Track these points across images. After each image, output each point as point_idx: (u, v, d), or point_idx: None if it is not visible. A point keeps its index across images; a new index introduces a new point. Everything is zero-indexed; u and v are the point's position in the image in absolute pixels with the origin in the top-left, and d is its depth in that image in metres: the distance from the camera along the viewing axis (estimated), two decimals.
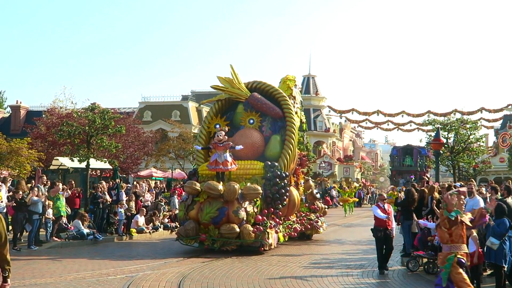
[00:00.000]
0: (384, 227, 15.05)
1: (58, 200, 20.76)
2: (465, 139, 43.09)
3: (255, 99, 21.45)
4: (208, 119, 22.16)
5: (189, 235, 18.58)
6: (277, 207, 19.71)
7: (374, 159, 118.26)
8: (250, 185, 19.02)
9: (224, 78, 21.82)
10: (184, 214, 19.00)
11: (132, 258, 17.37)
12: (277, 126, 21.57)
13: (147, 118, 64.73)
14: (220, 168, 19.19)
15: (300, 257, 17.86)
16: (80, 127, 26.16)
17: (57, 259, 16.96)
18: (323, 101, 74.95)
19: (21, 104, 69.20)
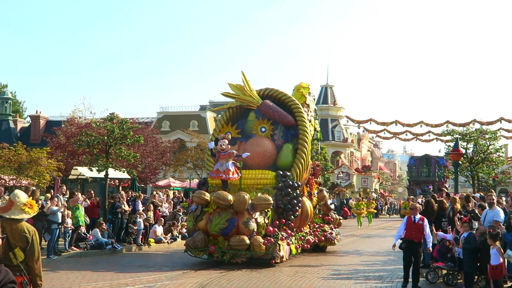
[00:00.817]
0: (410, 239, 14.18)
1: (77, 210, 20.85)
2: (484, 149, 42.79)
3: (267, 107, 20.91)
4: (218, 127, 21.47)
5: (197, 247, 17.93)
6: (289, 218, 19.08)
7: (393, 170, 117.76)
8: (261, 195, 18.30)
9: (235, 85, 21.26)
10: (193, 225, 18.42)
11: (150, 268, 17.39)
12: (289, 135, 20.99)
13: (165, 128, 65.04)
14: (222, 176, 18.54)
15: (318, 268, 17.78)
16: (98, 137, 26.31)
17: (75, 268, 17.02)
18: (341, 111, 74.87)
19: (40, 114, 69.77)
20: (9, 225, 6.98)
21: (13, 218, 7.05)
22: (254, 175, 19.47)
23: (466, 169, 42.47)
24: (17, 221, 7.07)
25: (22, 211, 7.12)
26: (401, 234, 14.30)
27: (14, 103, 73.19)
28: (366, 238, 30.22)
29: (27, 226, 7.14)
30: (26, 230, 7.05)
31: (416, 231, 14.15)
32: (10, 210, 7.10)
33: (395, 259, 20.30)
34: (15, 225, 7.03)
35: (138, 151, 34.02)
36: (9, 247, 6.88)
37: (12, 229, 6.97)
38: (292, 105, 21.17)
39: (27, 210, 7.16)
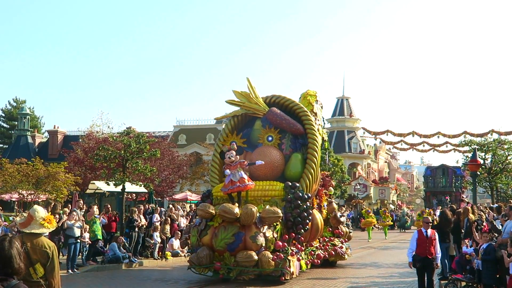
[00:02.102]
0: (424, 256, 13.49)
1: (94, 224, 20.91)
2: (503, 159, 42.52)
3: (274, 115, 19.72)
4: (223, 136, 20.27)
5: (202, 263, 16.71)
6: (299, 232, 17.78)
7: (410, 181, 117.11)
8: (269, 207, 17.09)
9: (240, 92, 20.18)
10: (197, 240, 17.14)
11: (167, 282, 17.39)
12: (298, 144, 19.81)
13: (182, 142, 65.25)
14: (238, 186, 17.18)
15: (336, 281, 17.66)
16: (115, 151, 26.42)
17: (92, 283, 17.06)
18: (357, 123, 74.70)
19: (58, 129, 70.31)
20: (30, 240, 6.96)
21: (33, 233, 7.02)
22: (261, 187, 18.35)
23: (485, 179, 42.18)
24: (37, 236, 7.04)
25: (42, 226, 7.11)
26: (413, 250, 13.62)
27: (32, 119, 73.79)
28: (384, 250, 30.01)
29: (47, 241, 7.13)
30: (47, 245, 7.03)
31: (429, 246, 13.53)
32: (30, 225, 7.08)
33: (413, 271, 20.07)
34: (36, 240, 7.00)
35: (154, 165, 34.13)
36: (29, 262, 6.81)
37: (33, 244, 6.95)
38: (301, 112, 20.11)
39: (46, 225, 7.16)
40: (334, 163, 56.32)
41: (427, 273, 13.63)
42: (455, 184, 59.28)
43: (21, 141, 67.88)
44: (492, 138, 50.60)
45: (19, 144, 67.15)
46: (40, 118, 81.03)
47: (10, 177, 32.77)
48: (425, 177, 63.88)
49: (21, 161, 34.80)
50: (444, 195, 57.51)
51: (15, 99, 78.27)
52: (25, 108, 71.76)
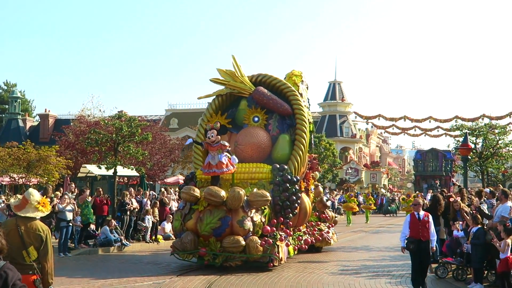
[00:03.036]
0: (418, 238, 13.01)
1: (86, 207, 20.92)
2: (493, 144, 42.67)
3: (260, 94, 18.84)
4: (207, 116, 19.36)
5: (186, 249, 15.95)
6: (287, 216, 17.18)
7: (401, 165, 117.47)
8: (257, 191, 16.40)
9: (225, 71, 19.21)
10: (181, 225, 16.35)
11: (159, 264, 17.42)
12: (285, 125, 19.03)
13: (174, 126, 65.25)
14: (214, 171, 16.51)
15: (327, 264, 17.74)
16: (107, 135, 26.36)
17: (84, 266, 17.08)
18: (349, 107, 74.73)
19: (49, 112, 70.14)
20: (24, 223, 7.01)
21: (27, 217, 7.05)
22: (248, 169, 17.59)
23: (476, 164, 42.34)
24: (31, 220, 7.06)
25: (36, 210, 7.11)
26: (406, 234, 13.12)
27: (23, 102, 73.56)
28: (375, 234, 30.17)
29: (41, 225, 7.15)
30: (40, 229, 7.06)
31: (422, 229, 13.04)
32: (24, 208, 7.09)
33: (405, 255, 20.20)
34: (30, 223, 7.03)
35: (146, 149, 34.07)
36: (23, 245, 6.91)
37: (27, 227, 6.99)
38: (288, 92, 19.24)
39: (41, 209, 7.16)
40: (325, 147, 56.33)
41: (422, 256, 13.04)
42: (445, 168, 59.27)
43: (12, 124, 67.68)
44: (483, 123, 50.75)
45: (10, 128, 66.96)
46: (31, 102, 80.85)
47: (1, 161, 32.65)
48: (415, 161, 63.72)
49: (12, 145, 34.67)
50: (434, 179, 57.56)
51: (5, 83, 77.96)
52: (16, 92, 71.47)
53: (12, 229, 6.99)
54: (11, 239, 6.76)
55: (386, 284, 14.23)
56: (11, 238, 6.78)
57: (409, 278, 15.03)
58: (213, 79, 19.34)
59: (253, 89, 19.09)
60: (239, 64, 19.20)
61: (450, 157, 59.33)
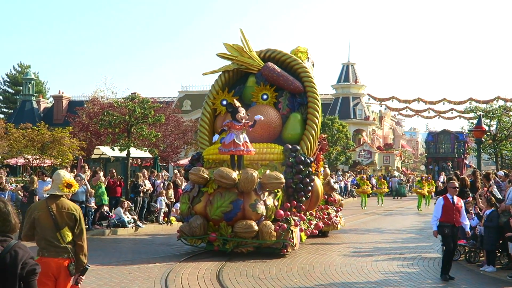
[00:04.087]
0: (452, 223, 12.46)
1: (100, 189, 21.03)
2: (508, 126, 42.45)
3: (270, 70, 17.72)
4: (213, 93, 18.40)
5: (195, 234, 15.02)
6: (300, 200, 16.27)
7: (415, 147, 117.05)
8: (270, 172, 15.46)
9: (231, 45, 18.09)
10: (188, 208, 15.35)
11: (172, 246, 17.50)
12: (295, 103, 17.97)
13: (187, 107, 65.27)
14: (241, 150, 15.31)
15: (339, 246, 17.76)
16: (120, 117, 26.42)
17: (98, 247, 17.20)
18: (362, 89, 74.37)
19: (63, 94, 70.41)
20: (53, 203, 6.85)
21: (56, 196, 6.91)
22: (258, 150, 16.41)
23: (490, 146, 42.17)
24: (60, 199, 6.90)
25: (59, 189, 6.97)
26: (438, 217, 12.55)
27: (37, 84, 73.80)
28: (388, 216, 30.15)
29: (73, 204, 7.02)
30: (73, 208, 6.92)
31: (457, 214, 12.52)
32: (51, 188, 7.04)
33: (417, 237, 20.29)
34: (61, 203, 6.87)
35: (159, 131, 34.19)
36: (56, 227, 6.74)
37: (58, 207, 6.82)
38: (300, 68, 18.14)
39: (63, 189, 6.95)
40: (338, 129, 56.14)
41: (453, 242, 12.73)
42: (458, 150, 58.76)
43: (26, 106, 67.96)
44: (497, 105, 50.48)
45: (24, 109, 67.25)
46: (45, 83, 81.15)
47: (16, 142, 32.88)
48: (427, 143, 63.16)
49: (26, 126, 34.87)
50: (446, 161, 57.15)
51: (19, 64, 78.27)
52: (29, 73, 71.68)
53: (44, 211, 6.81)
54: (43, 221, 6.73)
55: (398, 266, 14.24)
56: (43, 221, 6.73)
57: (421, 260, 15.09)
58: (220, 53, 18.26)
59: (262, 65, 18.03)
60: (248, 39, 18.15)
61: (462, 139, 58.81)
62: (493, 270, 13.29)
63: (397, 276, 13.07)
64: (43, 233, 6.73)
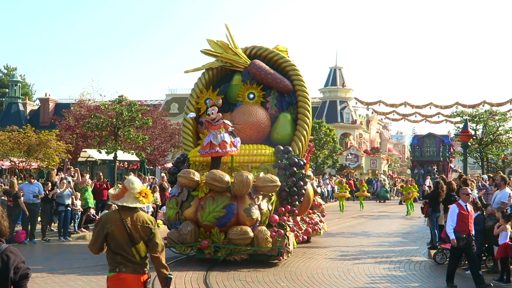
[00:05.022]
0: (467, 232, 12.02)
1: (86, 192, 20.96)
2: (494, 131, 42.69)
3: (257, 68, 16.87)
4: (196, 92, 17.41)
5: (185, 241, 14.04)
6: (294, 204, 15.52)
7: (401, 151, 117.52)
8: (265, 175, 14.60)
9: (215, 42, 17.15)
10: (177, 214, 14.43)
11: None
12: (284, 103, 17.23)
13: (174, 110, 65.18)
14: (217, 151, 14.53)
15: (326, 249, 17.78)
16: (107, 119, 26.35)
17: (85, 250, 17.09)
18: (349, 93, 74.58)
19: (50, 96, 70.08)
20: (128, 216, 6.33)
21: (130, 208, 6.34)
22: (248, 151, 15.72)
23: (475, 150, 42.39)
24: (134, 211, 6.35)
25: (136, 200, 6.36)
26: (454, 226, 12.03)
27: (23, 86, 73.45)
28: (374, 220, 30.24)
29: (147, 216, 6.50)
30: (148, 221, 6.39)
31: (471, 222, 12.13)
32: (123, 197, 6.38)
33: (404, 241, 20.36)
34: (135, 215, 6.35)
35: (146, 134, 34.14)
36: (131, 242, 6.24)
37: (133, 220, 6.31)
38: (288, 66, 17.38)
39: (141, 199, 6.38)
40: (326, 133, 56.27)
41: (467, 253, 12.22)
42: (443, 154, 58.81)
43: (12, 108, 67.62)
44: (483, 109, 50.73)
45: (10, 112, 66.92)
46: (32, 86, 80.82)
47: (2, 145, 32.71)
48: (412, 146, 62.97)
49: (12, 129, 34.69)
50: (431, 164, 57.21)
51: (6, 66, 77.87)
52: (16, 76, 71.34)
53: (117, 224, 6.28)
54: (118, 236, 6.25)
55: (385, 269, 14.29)
56: (118, 235, 6.25)
57: (407, 263, 15.15)
58: (205, 50, 17.30)
59: (248, 63, 17.14)
60: (233, 35, 17.24)
61: (448, 142, 58.88)
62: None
63: (384, 279, 13.12)
64: (117, 248, 6.26)
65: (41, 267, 13.82)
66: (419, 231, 23.22)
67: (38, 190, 18.83)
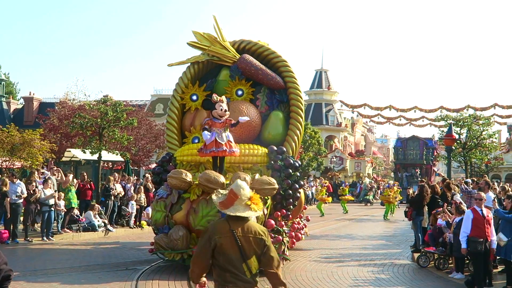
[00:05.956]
0: (484, 238, 11.76)
1: (69, 192, 20.84)
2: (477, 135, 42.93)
3: (247, 63, 15.88)
4: (181, 87, 16.29)
5: (176, 247, 13.00)
6: (288, 208, 14.68)
7: (386, 154, 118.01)
8: (261, 177, 13.65)
9: (202, 34, 16.01)
10: (165, 217, 13.41)
11: (142, 250, 17.38)
12: (274, 100, 16.27)
13: (159, 111, 64.94)
14: (224, 150, 13.31)
15: (310, 252, 17.78)
16: (92, 119, 26.23)
17: (68, 250, 17.04)
18: (335, 96, 74.78)
19: (34, 95, 69.61)
20: (239, 226, 5.57)
21: (241, 217, 5.58)
22: (240, 151, 14.33)
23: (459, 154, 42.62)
24: (245, 221, 5.60)
25: (247, 207, 5.61)
26: (467, 233, 11.89)
27: (7, 84, 72.84)
28: (359, 222, 30.30)
29: (260, 226, 5.78)
30: (261, 232, 5.65)
31: (488, 227, 11.88)
32: (233, 205, 5.60)
33: (387, 243, 20.43)
34: (246, 226, 5.60)
35: (131, 134, 34.00)
36: (242, 257, 5.51)
37: (244, 232, 5.56)
38: (279, 62, 16.43)
39: (253, 207, 5.63)
40: (311, 135, 56.32)
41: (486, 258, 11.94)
42: (426, 157, 58.87)
43: None
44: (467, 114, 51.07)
45: None
46: (16, 85, 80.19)
47: None
48: (395, 149, 62.77)
49: None
50: (414, 167, 57.29)
51: None
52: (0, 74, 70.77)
53: (227, 236, 5.53)
54: (228, 249, 5.50)
55: (368, 272, 14.32)
56: (228, 249, 5.49)
57: (391, 266, 15.20)
58: (192, 42, 16.13)
59: (237, 57, 16.14)
60: (221, 27, 16.17)
61: (431, 145, 59.02)
62: (462, 277, 13.42)
63: (367, 282, 13.15)
64: (227, 264, 5.50)
65: (24, 267, 13.71)
66: (403, 234, 23.32)
67: (21, 190, 18.68)
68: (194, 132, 15.74)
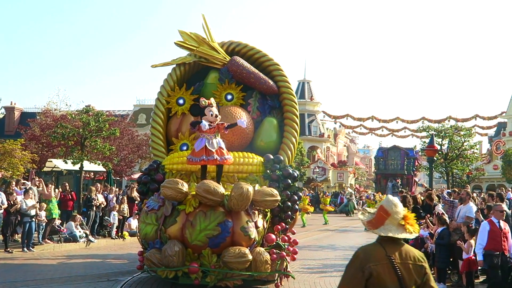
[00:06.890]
0: (501, 251, 11.22)
1: (50, 202, 20.68)
2: (459, 146, 43.34)
3: (239, 66, 14.92)
4: (166, 89, 15.14)
5: (172, 264, 11.50)
6: (287, 221, 13.52)
7: (368, 165, 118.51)
8: (260, 188, 12.53)
9: (189, 34, 14.97)
10: (157, 231, 11.99)
11: (124, 260, 17.29)
12: (266, 106, 15.31)
13: (142, 121, 64.82)
14: (215, 159, 12.30)
15: (292, 262, 17.58)
16: (74, 129, 26.11)
17: (49, 261, 16.89)
18: (317, 106, 75.03)
19: (15, 105, 69.16)
20: (396, 251, 4.75)
21: (395, 240, 4.79)
22: (234, 159, 13.30)
23: (441, 165, 42.98)
24: (400, 244, 4.80)
25: (402, 228, 4.79)
26: (483, 245, 11.33)
27: None
28: (341, 233, 30.34)
29: (417, 251, 4.96)
30: (421, 258, 4.83)
31: (505, 240, 11.38)
32: (383, 225, 4.84)
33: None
34: (404, 251, 4.79)
35: (113, 144, 33.86)
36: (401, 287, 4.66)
37: (402, 258, 4.72)
38: (271, 66, 15.49)
39: (408, 228, 4.81)
40: None
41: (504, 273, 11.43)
42: (407, 167, 58.93)
43: None
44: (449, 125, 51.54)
45: None
46: None
47: None
48: (376, 159, 62.63)
49: None
50: (395, 177, 57.39)
51: None
52: None
53: (384, 263, 4.69)
54: (385, 280, 4.66)
55: None
56: (385, 280, 4.65)
57: None
58: (179, 42, 15.01)
59: (227, 59, 15.19)
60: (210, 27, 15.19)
61: (412, 155, 59.29)
62: (444, 287, 13.48)
63: None
64: None
65: (3, 279, 13.57)
66: None
67: (1, 200, 18.50)
68: (182, 138, 14.88)
